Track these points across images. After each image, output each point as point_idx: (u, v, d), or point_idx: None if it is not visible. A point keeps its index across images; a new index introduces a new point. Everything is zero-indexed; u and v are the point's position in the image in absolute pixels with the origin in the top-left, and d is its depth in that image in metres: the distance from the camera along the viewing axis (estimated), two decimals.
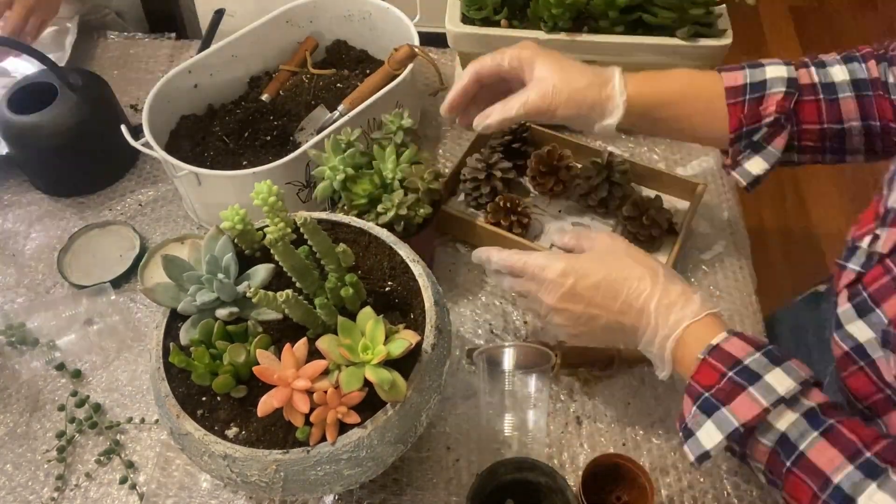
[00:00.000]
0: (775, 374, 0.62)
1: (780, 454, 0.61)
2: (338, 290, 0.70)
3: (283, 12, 1.15)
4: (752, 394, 0.61)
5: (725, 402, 0.63)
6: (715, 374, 0.64)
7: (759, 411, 0.61)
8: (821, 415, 0.61)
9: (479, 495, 0.77)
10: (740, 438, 0.63)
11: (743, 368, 0.63)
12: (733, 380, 0.63)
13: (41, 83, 1.07)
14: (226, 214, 0.74)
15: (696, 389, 0.65)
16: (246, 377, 0.69)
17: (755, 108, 0.81)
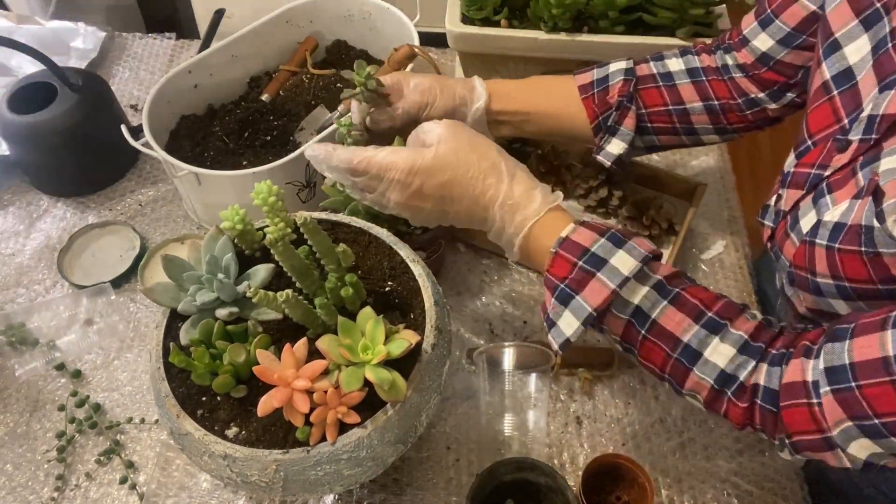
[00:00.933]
0: (619, 257, 0.67)
1: (635, 324, 0.68)
2: (338, 290, 0.70)
3: (283, 12, 1.15)
4: (601, 279, 0.67)
5: (578, 290, 0.67)
6: (567, 265, 0.68)
7: (608, 294, 0.66)
8: (667, 285, 0.67)
9: (479, 495, 0.77)
10: (595, 321, 0.68)
11: (591, 256, 0.68)
12: (583, 268, 0.67)
13: (41, 83, 1.07)
14: (226, 214, 0.74)
15: (553, 282, 0.69)
16: (246, 377, 0.69)
17: (603, 97, 0.90)
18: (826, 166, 0.68)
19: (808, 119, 0.73)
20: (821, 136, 0.71)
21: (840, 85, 0.70)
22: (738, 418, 0.66)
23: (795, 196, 0.71)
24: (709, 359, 0.65)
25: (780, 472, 0.87)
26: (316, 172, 1.00)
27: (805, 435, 0.62)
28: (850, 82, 0.69)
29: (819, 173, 0.69)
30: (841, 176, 0.66)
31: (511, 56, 1.10)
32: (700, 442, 0.89)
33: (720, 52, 0.90)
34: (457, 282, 1.03)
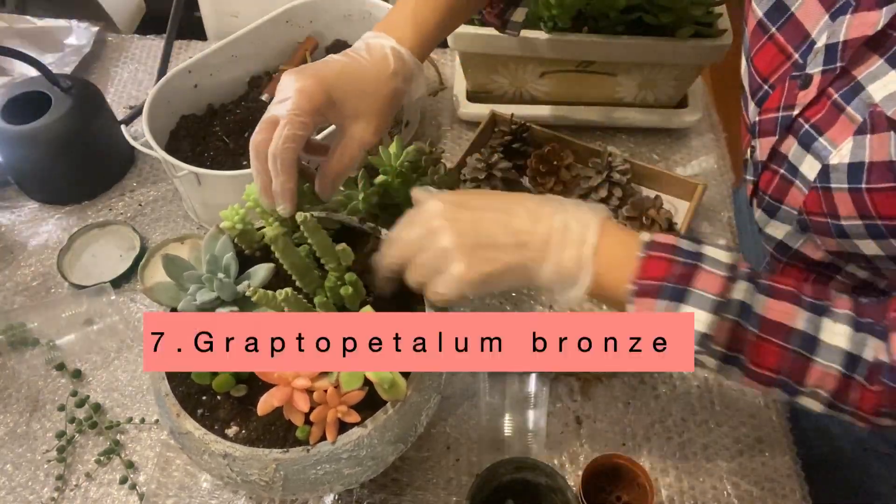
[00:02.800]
0: (710, 249, 0.62)
1: (742, 323, 0.60)
2: (337, 289, 0.70)
3: (283, 12, 1.15)
4: (706, 268, 0.60)
5: (690, 283, 0.60)
6: (664, 264, 0.61)
7: (724, 280, 0.60)
8: (757, 278, 0.61)
9: (479, 495, 0.77)
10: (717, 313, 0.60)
11: (684, 251, 0.62)
12: (684, 263, 0.61)
13: (32, 92, 1.07)
14: (226, 214, 0.74)
15: (652, 285, 0.61)
16: (246, 376, 0.69)
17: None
18: (792, 106, 0.66)
19: (755, 63, 0.71)
20: (775, 77, 0.68)
21: (776, 20, 0.67)
22: (871, 403, 0.59)
23: (770, 143, 0.69)
24: (829, 342, 0.59)
25: (780, 472, 0.87)
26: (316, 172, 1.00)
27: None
28: (785, 15, 0.66)
29: (787, 115, 0.67)
30: (821, 114, 0.63)
31: (511, 56, 1.10)
32: (700, 442, 0.89)
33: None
34: None
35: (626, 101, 1.18)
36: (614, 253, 0.63)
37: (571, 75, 1.12)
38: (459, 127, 1.23)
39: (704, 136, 1.21)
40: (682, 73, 1.12)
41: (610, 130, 1.21)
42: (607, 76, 1.12)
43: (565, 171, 1.09)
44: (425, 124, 1.22)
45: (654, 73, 1.11)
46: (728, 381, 0.94)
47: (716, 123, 1.23)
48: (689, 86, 1.18)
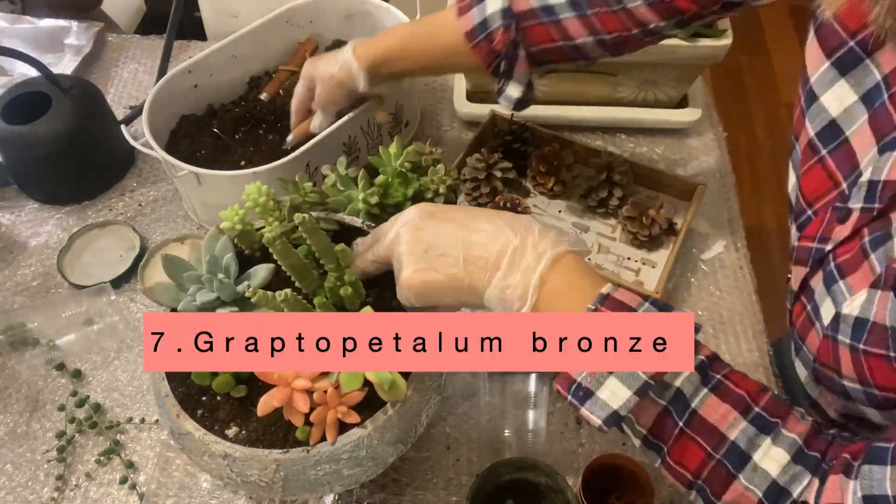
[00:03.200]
0: None
1: (673, 413, 0.56)
2: (337, 290, 0.70)
3: (283, 12, 1.15)
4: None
5: None
6: None
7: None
8: (710, 370, 0.57)
9: (479, 495, 0.77)
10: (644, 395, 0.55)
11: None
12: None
13: (32, 92, 1.07)
14: (226, 214, 0.74)
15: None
16: (246, 377, 0.69)
17: (489, 45, 0.84)
18: (827, 239, 0.60)
19: (802, 185, 0.65)
20: (820, 204, 0.62)
21: (827, 143, 0.61)
22: None
23: (801, 273, 0.63)
24: (759, 465, 0.54)
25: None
26: (316, 172, 1.00)
27: None
28: (837, 139, 0.60)
29: (821, 248, 0.61)
30: (850, 256, 0.57)
31: None
32: None
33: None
34: None
35: (626, 101, 1.18)
36: (561, 293, 0.60)
37: (571, 75, 1.12)
38: (459, 127, 1.23)
39: (704, 136, 1.21)
40: (682, 73, 1.12)
41: (610, 130, 1.21)
42: (607, 76, 1.12)
43: (565, 171, 1.09)
44: (425, 124, 1.22)
45: (654, 73, 1.11)
46: None
47: (716, 123, 1.24)
48: (689, 86, 1.18)
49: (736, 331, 0.99)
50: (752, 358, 0.96)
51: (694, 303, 1.01)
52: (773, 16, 2.99)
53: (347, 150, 1.04)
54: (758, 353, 0.97)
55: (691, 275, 1.04)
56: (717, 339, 0.98)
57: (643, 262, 1.03)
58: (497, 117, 1.15)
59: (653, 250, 1.04)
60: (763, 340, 0.99)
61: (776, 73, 2.84)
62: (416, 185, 0.86)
